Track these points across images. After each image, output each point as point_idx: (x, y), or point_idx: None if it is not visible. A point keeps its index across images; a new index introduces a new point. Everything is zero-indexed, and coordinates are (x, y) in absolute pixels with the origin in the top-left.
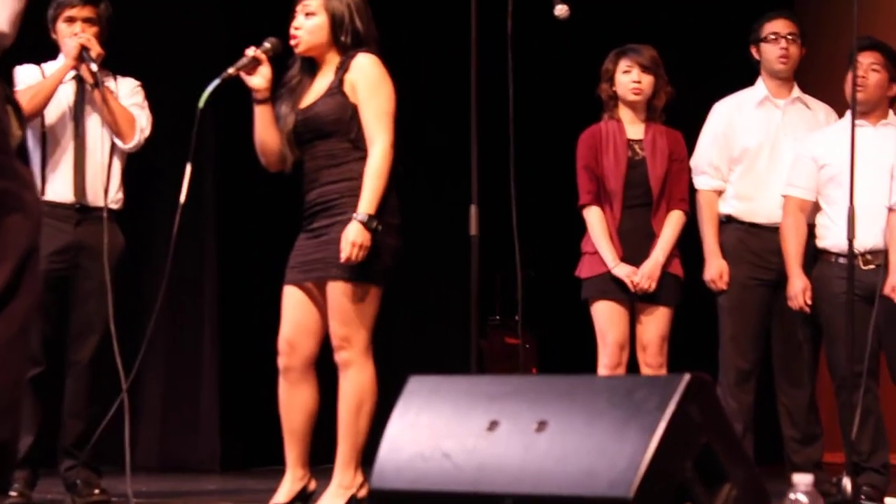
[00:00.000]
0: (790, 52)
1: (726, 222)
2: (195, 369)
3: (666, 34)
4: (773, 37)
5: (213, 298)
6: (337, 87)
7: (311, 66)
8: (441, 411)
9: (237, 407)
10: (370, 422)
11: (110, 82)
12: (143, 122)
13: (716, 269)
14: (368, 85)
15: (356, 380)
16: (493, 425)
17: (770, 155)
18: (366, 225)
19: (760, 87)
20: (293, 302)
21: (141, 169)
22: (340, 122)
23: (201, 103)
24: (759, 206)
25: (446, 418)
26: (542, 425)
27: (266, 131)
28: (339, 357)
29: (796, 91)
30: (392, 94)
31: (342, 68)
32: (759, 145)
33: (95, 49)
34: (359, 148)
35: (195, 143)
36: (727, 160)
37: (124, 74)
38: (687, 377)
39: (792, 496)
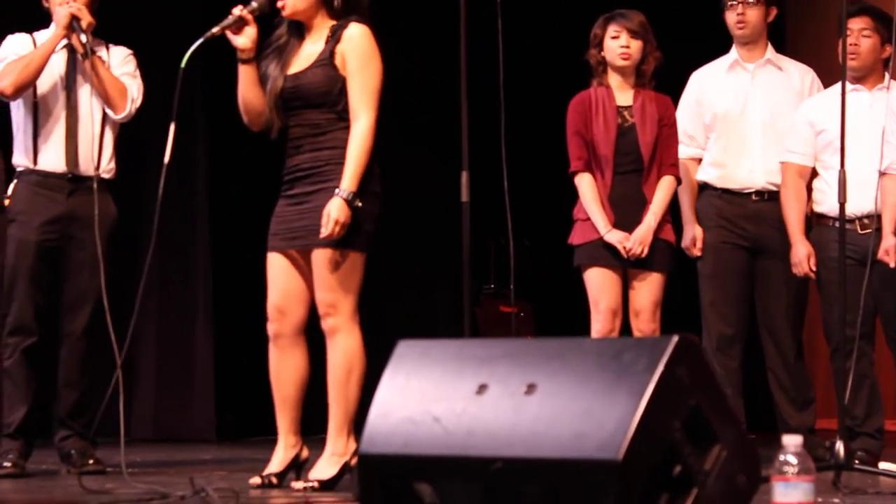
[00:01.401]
0: (747, 17)
1: (703, 189)
2: (189, 339)
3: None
4: (731, 3)
5: (205, 268)
6: (328, 59)
7: (299, 27)
8: (430, 375)
9: (232, 377)
10: (360, 388)
11: (102, 52)
12: (134, 92)
13: (689, 236)
14: (358, 59)
15: (344, 346)
16: (482, 388)
17: (740, 120)
18: (348, 202)
19: (732, 52)
20: (279, 269)
21: (133, 137)
22: (329, 94)
23: (183, 63)
24: (731, 172)
25: (435, 382)
26: (531, 388)
27: (250, 91)
28: (326, 324)
29: (769, 53)
30: (380, 70)
31: (334, 38)
32: (728, 110)
33: (86, 18)
34: (343, 119)
35: (178, 102)
36: (702, 127)
37: (116, 43)
38: (675, 338)
39: (781, 457)
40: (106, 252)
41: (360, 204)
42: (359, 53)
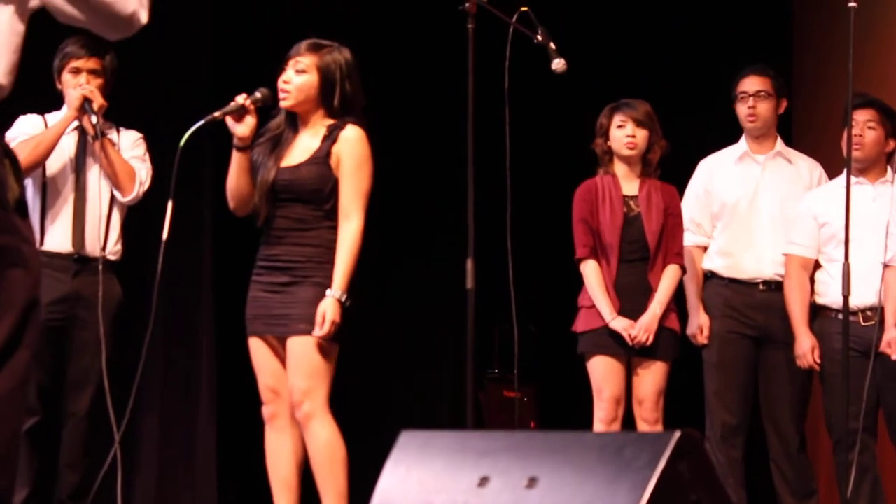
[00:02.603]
0: (758, 111)
1: (709, 278)
2: (192, 418)
3: (661, 88)
4: (742, 95)
5: (208, 346)
6: (324, 157)
7: (295, 119)
8: (432, 467)
9: (233, 455)
10: (346, 471)
11: (112, 134)
12: (143, 175)
13: (696, 325)
14: (353, 161)
15: (321, 433)
16: (483, 481)
17: (749, 210)
18: (341, 303)
19: (742, 143)
20: (265, 351)
21: (142, 218)
22: (320, 192)
23: (182, 142)
24: (739, 262)
25: (437, 474)
26: (532, 482)
27: (241, 178)
28: (301, 411)
29: (778, 146)
30: (372, 173)
31: (330, 137)
32: (737, 201)
33: (98, 100)
34: (329, 218)
35: (176, 180)
36: (709, 216)
37: (128, 127)
38: (677, 434)
39: None
40: (109, 333)
41: (348, 304)
42: (354, 155)
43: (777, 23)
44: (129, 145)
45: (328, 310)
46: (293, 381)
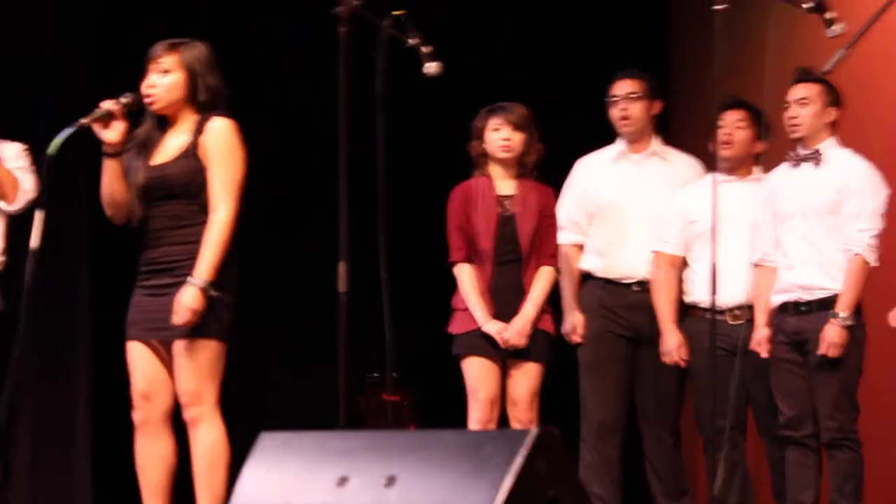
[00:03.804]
0: (630, 113)
1: (585, 277)
2: (68, 427)
3: (539, 91)
4: (614, 99)
5: (85, 355)
6: (191, 150)
7: (163, 121)
8: (291, 467)
9: (112, 459)
10: (227, 478)
11: None
12: (27, 185)
13: (570, 323)
14: (220, 150)
15: (208, 437)
16: (342, 481)
17: (624, 210)
18: (203, 290)
19: (618, 143)
20: (141, 356)
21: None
22: (191, 186)
23: (52, 149)
24: (614, 262)
25: (296, 474)
26: (391, 480)
27: (114, 185)
28: (188, 414)
29: (654, 145)
30: (243, 162)
31: (198, 130)
32: (613, 200)
33: None
34: (205, 212)
35: (46, 188)
36: (585, 215)
37: (8, 138)
38: (534, 431)
39: None
40: None
41: (214, 293)
42: (221, 145)
43: (655, 27)
44: (13, 156)
45: (185, 297)
46: (180, 385)
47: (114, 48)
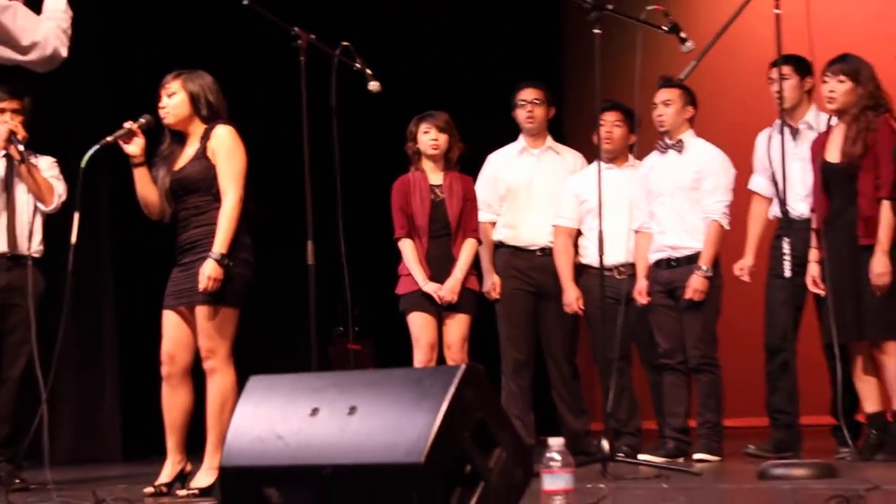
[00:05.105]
0: (535, 114)
1: (499, 247)
2: (100, 380)
3: (458, 101)
4: (521, 103)
5: (111, 324)
6: (202, 154)
7: (181, 136)
8: (274, 402)
9: (136, 409)
10: (232, 416)
11: (33, 159)
12: (59, 190)
13: (489, 284)
14: (225, 151)
15: (220, 383)
16: (314, 411)
17: (528, 192)
18: (218, 262)
19: (521, 140)
20: (170, 323)
21: (59, 224)
22: (204, 181)
23: (83, 163)
24: (520, 233)
25: (279, 408)
26: (352, 410)
27: (145, 189)
28: (206, 365)
29: (549, 142)
30: (243, 158)
31: (206, 137)
32: (519, 185)
33: (21, 133)
34: (218, 200)
35: (81, 195)
36: (497, 198)
37: (43, 153)
38: (463, 367)
39: (547, 454)
40: (36, 314)
41: (230, 263)
42: (225, 146)
43: (548, 47)
44: (47, 167)
45: (205, 268)
46: (200, 341)
47: (120, 81)
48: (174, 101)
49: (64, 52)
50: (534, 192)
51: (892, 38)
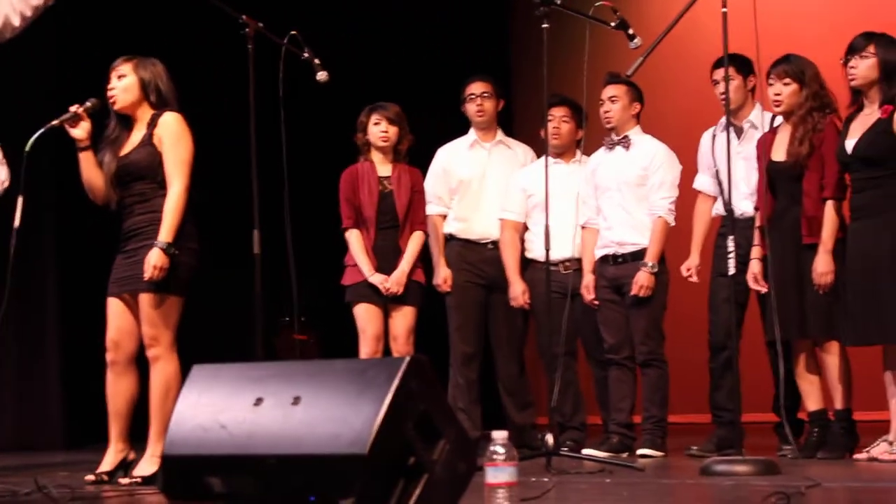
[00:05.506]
0: (484, 108)
1: (449, 239)
2: (42, 367)
3: (409, 93)
4: (471, 97)
5: (54, 310)
6: (148, 140)
7: (127, 121)
8: (218, 392)
9: (77, 397)
10: (175, 404)
11: None
12: (2, 175)
13: (441, 276)
14: (171, 138)
15: (163, 371)
16: (258, 401)
17: (479, 186)
18: (164, 250)
19: (471, 133)
20: (115, 310)
21: (2, 209)
22: (150, 168)
23: (28, 148)
24: (472, 226)
25: (222, 397)
26: (296, 400)
27: (90, 173)
28: (150, 353)
29: (500, 135)
30: (190, 146)
31: (153, 124)
32: (470, 178)
33: None
34: (163, 188)
35: (25, 179)
36: (447, 191)
37: None
38: (408, 359)
39: (491, 448)
40: None
41: (175, 252)
42: (171, 133)
43: (497, 42)
44: None
45: (150, 257)
46: (143, 330)
47: (66, 65)
48: (124, 83)
49: (16, 21)
50: (486, 186)
51: (838, 34)
